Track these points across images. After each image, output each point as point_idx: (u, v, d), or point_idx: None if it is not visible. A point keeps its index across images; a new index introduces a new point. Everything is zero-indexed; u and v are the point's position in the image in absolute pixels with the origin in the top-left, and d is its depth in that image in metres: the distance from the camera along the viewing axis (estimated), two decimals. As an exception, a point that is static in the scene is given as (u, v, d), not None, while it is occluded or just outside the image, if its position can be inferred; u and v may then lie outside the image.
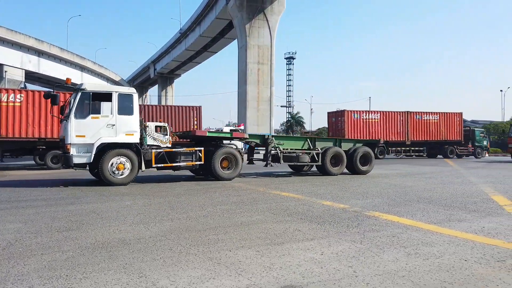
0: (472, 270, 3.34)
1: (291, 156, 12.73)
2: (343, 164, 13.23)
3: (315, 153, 12.88)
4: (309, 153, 12.91)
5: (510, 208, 6.42)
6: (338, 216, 5.81)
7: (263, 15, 41.56)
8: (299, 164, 13.11)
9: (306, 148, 13.17)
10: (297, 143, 13.47)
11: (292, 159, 12.80)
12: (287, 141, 13.45)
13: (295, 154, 12.78)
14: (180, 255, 3.81)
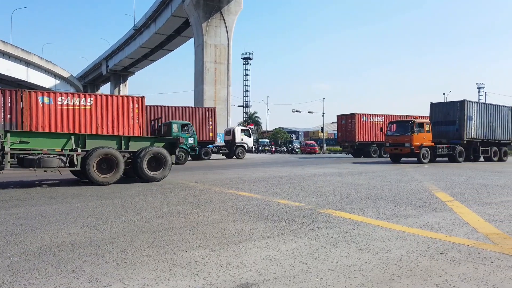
0: (417, 263, 3.54)
1: (31, 159, 9.27)
2: (118, 170, 10.29)
3: (76, 155, 9.81)
4: (67, 155, 9.81)
5: (451, 204, 6.87)
6: (293, 214, 5.93)
7: (220, 14, 41.38)
8: (43, 168, 9.47)
9: (70, 148, 9.96)
10: (55, 141, 9.96)
11: (31, 163, 9.24)
12: (36, 138, 9.83)
13: (38, 157, 9.35)
14: (134, 257, 3.72)
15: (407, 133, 21.02)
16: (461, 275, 3.21)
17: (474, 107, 23.09)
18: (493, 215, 5.86)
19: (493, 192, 8.54)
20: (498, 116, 24.58)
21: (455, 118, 22.79)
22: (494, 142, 24.46)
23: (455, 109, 22.89)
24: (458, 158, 22.17)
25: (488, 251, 3.91)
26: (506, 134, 25.28)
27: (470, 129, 22.59)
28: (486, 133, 23.69)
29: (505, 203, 7.03)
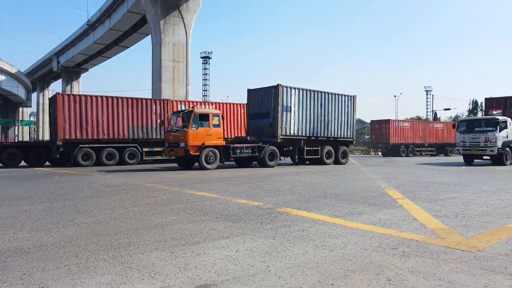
0: (371, 258, 3.69)
1: None
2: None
3: None
4: None
5: (402, 201, 7.22)
6: (252, 213, 5.97)
7: (178, 12, 40.77)
8: None
9: None
10: None
11: None
12: None
13: None
14: (87, 261, 3.58)
15: (182, 129, 15.51)
16: (411, 269, 3.39)
17: (294, 94, 18.05)
18: (440, 211, 6.22)
19: (439, 190, 9.07)
20: (332, 107, 19.71)
21: (269, 108, 17.79)
22: (327, 140, 19.83)
23: (270, 96, 17.84)
24: (268, 161, 17.30)
25: (435, 245, 4.16)
26: (345, 130, 20.57)
27: (288, 123, 17.82)
28: (314, 129, 19.01)
29: (450, 199, 7.48)
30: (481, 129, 19.80)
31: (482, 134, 19.54)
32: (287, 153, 19.11)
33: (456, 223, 5.32)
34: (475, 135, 19.83)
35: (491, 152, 19.15)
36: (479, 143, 19.65)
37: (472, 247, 4.06)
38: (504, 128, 19.53)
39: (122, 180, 11.33)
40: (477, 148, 19.84)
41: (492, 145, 19.14)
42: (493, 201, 7.27)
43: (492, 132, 19.25)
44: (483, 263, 3.54)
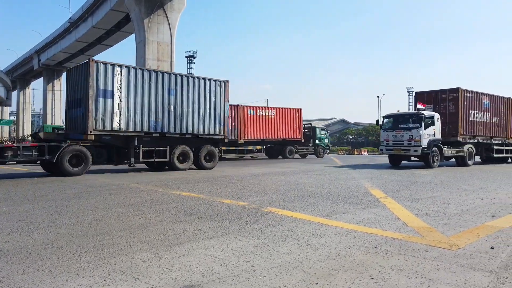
0: (354, 257, 3.73)
1: None
2: None
3: None
4: None
5: (384, 200, 7.32)
6: (237, 213, 5.97)
7: (162, 11, 40.42)
8: None
9: None
10: None
11: None
12: None
13: None
14: (69, 263, 3.52)
15: None
16: (393, 267, 3.44)
17: (118, 74, 13.30)
18: (421, 210, 6.34)
19: (421, 189, 9.23)
20: (190, 94, 15.14)
21: (81, 94, 13.17)
22: (182, 138, 15.25)
23: (82, 77, 13.17)
24: (68, 168, 12.56)
25: (417, 243, 4.23)
26: (212, 125, 15.94)
27: (109, 113, 13.11)
28: (158, 123, 14.29)
29: (431, 198, 7.63)
30: (405, 126, 17.38)
31: (406, 132, 17.13)
32: (122, 156, 14.15)
33: (437, 221, 5.42)
34: (398, 132, 17.41)
35: (415, 152, 16.74)
36: (403, 142, 17.20)
37: (453, 245, 4.15)
38: (430, 125, 17.09)
39: (105, 181, 11.17)
40: (400, 148, 17.33)
41: (416, 144, 16.70)
42: (472, 200, 7.44)
43: (416, 130, 16.79)
44: (463, 261, 3.62)
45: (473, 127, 19.18)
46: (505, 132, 21.50)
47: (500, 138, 21.21)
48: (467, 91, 18.82)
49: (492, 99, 20.37)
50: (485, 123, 19.93)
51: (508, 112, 21.57)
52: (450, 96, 18.57)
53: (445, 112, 18.62)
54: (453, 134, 18.40)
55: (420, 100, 19.66)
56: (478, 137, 19.64)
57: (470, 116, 18.86)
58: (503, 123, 21.27)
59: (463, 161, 18.96)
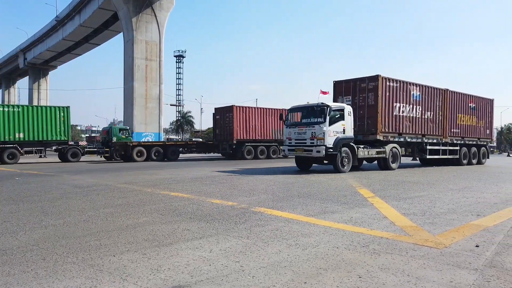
0: (342, 256, 3.76)
1: None
2: None
3: None
4: None
5: (372, 200, 7.39)
6: (226, 213, 5.96)
7: (151, 10, 40.16)
8: None
9: None
10: None
11: None
12: None
13: None
14: (55, 264, 3.47)
15: None
16: (381, 266, 3.48)
17: None
18: (408, 209, 6.42)
19: (408, 188, 9.34)
20: None
21: None
22: None
23: None
24: None
25: (404, 242, 4.29)
26: None
27: None
28: None
29: (418, 198, 7.73)
30: (308, 121, 14.30)
31: (309, 128, 13.87)
32: None
33: (424, 220, 5.50)
34: (301, 129, 14.14)
35: (317, 153, 13.44)
36: (305, 140, 13.90)
37: (439, 244, 4.21)
38: (338, 120, 13.91)
39: (92, 181, 11.05)
40: (302, 148, 13.99)
41: (319, 143, 13.41)
42: (458, 199, 7.56)
43: (319, 125, 13.53)
44: (449, 259, 3.68)
45: (399, 123, 15.82)
46: (441, 129, 18.00)
47: (435, 137, 17.70)
48: (390, 79, 15.47)
49: (424, 90, 16.99)
50: (414, 119, 16.52)
51: (445, 106, 18.09)
52: (370, 86, 15.12)
53: (364, 104, 15.28)
54: (372, 132, 15.10)
55: (339, 90, 16.08)
56: (406, 135, 16.26)
57: (394, 110, 15.53)
58: (438, 119, 17.72)
59: (385, 164, 15.51)
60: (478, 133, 20.55)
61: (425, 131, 17.13)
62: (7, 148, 20.82)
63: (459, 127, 19.17)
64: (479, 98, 20.70)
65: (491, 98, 21.64)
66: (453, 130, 18.82)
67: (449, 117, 18.37)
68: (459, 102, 19.09)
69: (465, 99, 19.58)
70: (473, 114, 20.08)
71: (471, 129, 19.99)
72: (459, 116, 19.13)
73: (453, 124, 18.74)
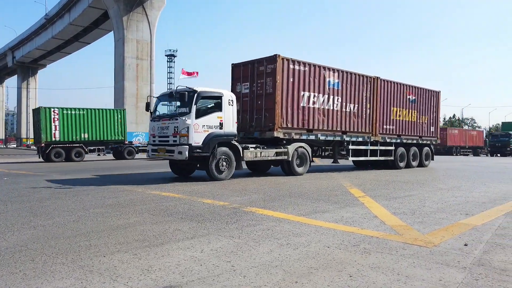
0: (333, 255, 3.78)
1: None
2: None
3: None
4: None
5: (363, 199, 7.44)
6: (218, 213, 5.95)
7: (142, 9, 39.92)
8: None
9: None
10: None
11: None
12: None
13: None
14: (44, 265, 3.43)
15: None
16: (371, 265, 3.51)
17: None
18: (398, 208, 6.47)
19: (398, 188, 9.43)
20: None
21: None
22: None
23: None
24: None
25: (394, 241, 4.32)
26: None
27: None
28: None
29: (408, 197, 7.80)
30: (172, 113, 11.34)
31: (172, 122, 10.64)
32: None
33: (414, 219, 5.55)
34: (164, 122, 10.90)
35: (179, 155, 10.15)
36: (168, 137, 10.72)
37: (428, 243, 4.26)
38: (213, 111, 10.80)
39: (81, 182, 10.93)
40: (165, 147, 10.73)
41: (182, 141, 10.23)
42: (447, 198, 7.65)
43: (182, 118, 10.28)
44: (438, 258, 3.72)
45: (308, 117, 12.71)
46: (370, 125, 14.94)
47: (361, 134, 14.65)
48: (295, 61, 12.23)
49: (345, 77, 13.86)
50: (332, 112, 13.43)
51: (375, 98, 15.00)
52: (268, 69, 11.85)
53: (262, 93, 12.08)
54: (270, 127, 11.87)
55: (236, 77, 12.82)
56: (318, 132, 13.12)
57: (301, 100, 12.45)
58: (366, 113, 14.71)
59: (289, 168, 12.44)
60: (419, 130, 17.54)
61: (347, 127, 14.08)
62: (75, 147, 22.56)
63: (395, 123, 16.09)
64: (421, 90, 17.58)
65: (436, 90, 18.66)
66: (387, 126, 15.71)
67: (380, 111, 15.34)
68: (394, 94, 15.98)
69: (403, 90, 16.45)
70: (413, 108, 17.03)
71: (411, 125, 17.00)
72: (395, 110, 16.03)
73: (386, 119, 15.66)
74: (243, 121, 12.54)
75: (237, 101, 11.89)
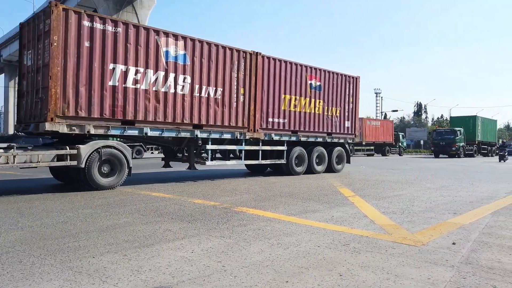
0: (323, 255, 3.80)
1: None
2: None
3: None
4: None
5: (353, 199, 7.49)
6: (208, 213, 5.94)
7: (131, 7, 39.58)
8: None
9: None
10: None
11: None
12: None
13: None
14: (32, 267, 3.39)
15: None
16: (361, 264, 3.53)
17: None
18: (388, 208, 6.54)
19: (387, 187, 9.51)
20: None
21: None
22: None
23: None
24: None
25: (384, 240, 4.36)
26: None
27: None
28: None
29: (397, 196, 7.88)
30: None
31: None
32: None
33: (403, 219, 5.61)
34: None
35: None
36: None
37: (417, 242, 4.31)
38: None
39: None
40: None
41: None
42: (436, 198, 7.75)
43: None
44: (426, 257, 3.77)
45: (126, 102, 8.84)
46: (242, 117, 11.11)
47: (227, 129, 10.86)
48: (94, 16, 8.47)
49: (198, 50, 10.04)
50: (172, 96, 9.59)
51: (252, 81, 11.22)
52: (46, 26, 8.11)
53: (41, 64, 8.26)
54: (45, 116, 7.96)
55: (23, 41, 9.08)
56: (146, 124, 9.24)
57: (108, 77, 8.57)
58: (239, 100, 10.95)
59: (86, 177, 8.46)
60: (328, 125, 13.74)
61: (203, 119, 10.23)
62: None
63: (288, 115, 12.29)
64: (330, 74, 13.66)
65: (354, 75, 14.68)
66: (274, 120, 11.93)
67: (263, 98, 11.53)
68: (287, 77, 12.17)
69: (301, 73, 12.63)
70: (317, 97, 13.20)
71: (314, 119, 13.21)
72: (288, 98, 12.21)
73: (273, 110, 11.88)
74: (26, 108, 8.94)
75: (23, 78, 8.98)
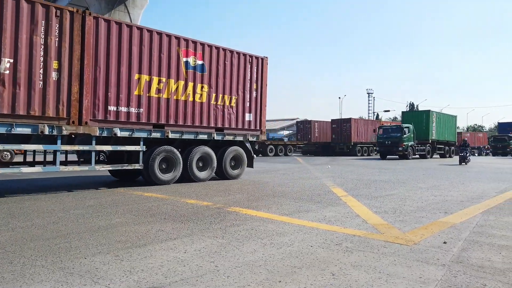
0: (316, 254, 3.82)
1: None
2: None
3: None
4: None
5: (345, 199, 7.53)
6: (201, 213, 5.92)
7: (124, 7, 39.33)
8: None
9: None
10: None
11: None
12: None
13: None
14: (23, 268, 3.36)
15: None
16: (353, 263, 3.55)
17: None
18: (380, 207, 6.58)
19: (379, 187, 9.57)
20: None
21: None
22: None
23: None
24: None
25: (376, 240, 4.39)
26: None
27: None
28: None
29: (389, 196, 7.93)
30: None
31: None
32: None
33: (395, 218, 5.65)
34: None
35: None
36: None
37: (409, 241, 4.34)
38: None
39: (62, 182, 10.72)
40: None
41: None
42: (427, 197, 7.81)
43: None
44: (418, 256, 3.80)
45: None
46: (37, 101, 7.50)
47: (27, 121, 7.41)
48: None
49: None
50: None
51: (86, 52, 8.20)
52: None
53: None
54: None
55: None
56: None
57: None
58: (44, 77, 7.58)
59: None
60: (216, 118, 10.75)
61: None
62: None
63: (146, 102, 9.20)
64: (220, 51, 10.77)
65: (258, 56, 11.90)
66: (119, 109, 8.79)
67: (95, 76, 8.38)
68: (143, 50, 9.14)
69: (168, 46, 9.67)
70: (198, 80, 10.25)
71: (194, 109, 10.20)
72: (144, 79, 9.13)
73: (117, 94, 8.72)
74: None
75: None
